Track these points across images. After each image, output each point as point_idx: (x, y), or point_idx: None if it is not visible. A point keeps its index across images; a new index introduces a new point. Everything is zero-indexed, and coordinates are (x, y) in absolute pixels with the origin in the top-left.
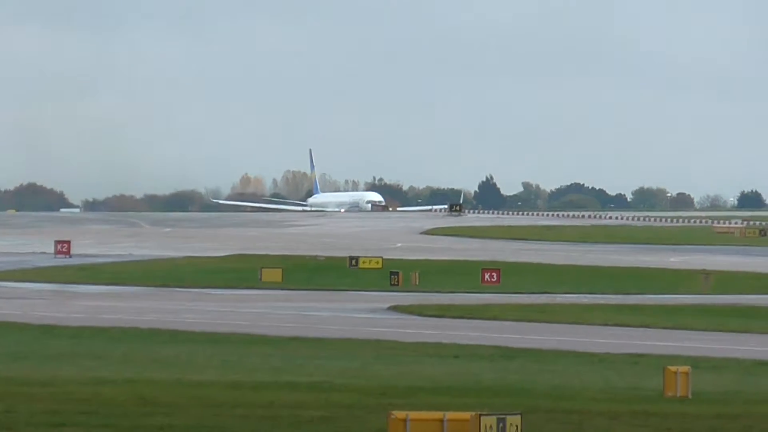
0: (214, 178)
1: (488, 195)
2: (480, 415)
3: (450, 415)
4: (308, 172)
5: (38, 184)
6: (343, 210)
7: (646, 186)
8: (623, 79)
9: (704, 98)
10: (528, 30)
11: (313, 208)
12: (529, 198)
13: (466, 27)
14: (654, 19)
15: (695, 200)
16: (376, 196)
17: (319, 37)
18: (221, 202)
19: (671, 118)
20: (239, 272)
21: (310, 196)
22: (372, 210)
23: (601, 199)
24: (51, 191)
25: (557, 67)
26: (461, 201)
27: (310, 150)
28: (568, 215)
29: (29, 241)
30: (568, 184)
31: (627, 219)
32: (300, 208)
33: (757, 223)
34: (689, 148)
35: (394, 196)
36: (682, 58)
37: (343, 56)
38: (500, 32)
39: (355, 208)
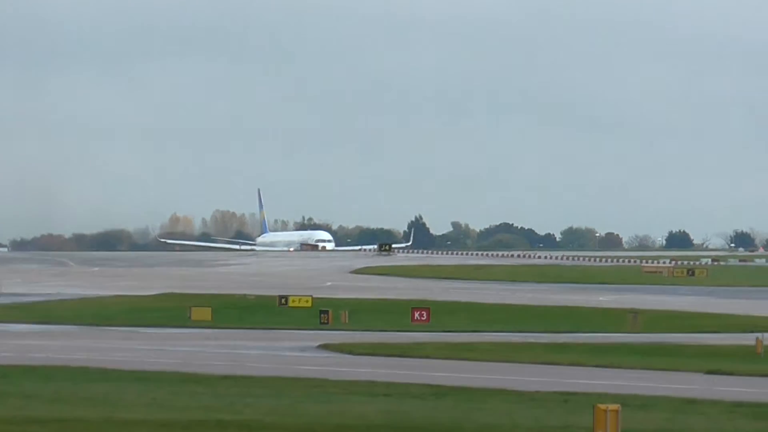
0: (143, 217)
1: (418, 234)
2: None
3: None
4: (237, 212)
5: None
6: (292, 249)
7: (574, 226)
8: (552, 120)
9: (632, 140)
10: (455, 73)
11: (262, 248)
12: (458, 237)
13: (395, 70)
14: (580, 62)
15: (624, 240)
16: (326, 235)
17: (246, 79)
18: (169, 241)
19: (600, 159)
20: (169, 311)
21: (240, 235)
22: (301, 249)
23: (530, 239)
24: None
25: (485, 109)
26: (411, 241)
27: (259, 190)
28: (497, 255)
29: None
30: (498, 223)
31: (556, 258)
32: (249, 247)
33: (685, 262)
34: (618, 189)
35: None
36: (609, 101)
37: (272, 97)
38: (428, 75)
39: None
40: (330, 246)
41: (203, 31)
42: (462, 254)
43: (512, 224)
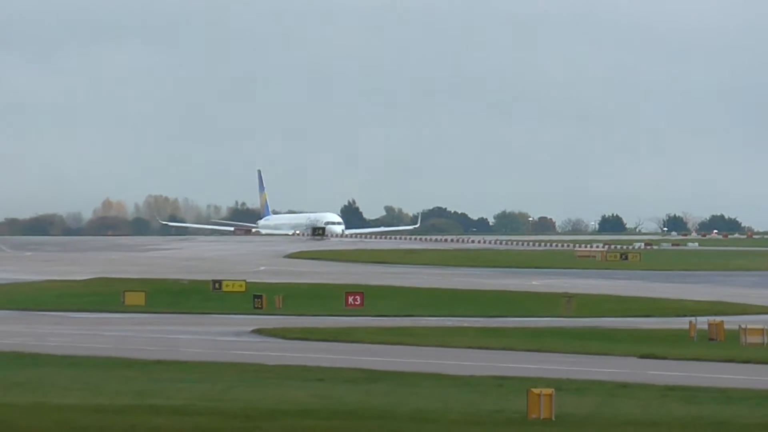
0: (76, 202)
1: (351, 219)
2: None
3: None
4: (169, 197)
5: None
6: (297, 232)
7: (508, 210)
8: (483, 106)
9: (565, 124)
10: (389, 59)
11: (265, 230)
12: (391, 222)
13: (331, 57)
14: (512, 48)
15: (557, 224)
16: (335, 217)
17: (178, 63)
18: (174, 224)
19: (533, 143)
20: (102, 296)
21: (173, 219)
22: (234, 233)
23: (464, 223)
24: None
25: (418, 94)
26: (418, 224)
27: (259, 171)
28: (430, 239)
29: None
30: (431, 208)
31: (489, 243)
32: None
33: (618, 246)
34: (551, 173)
35: (256, 220)
36: (542, 86)
37: (205, 81)
38: (362, 62)
39: (310, 230)
40: (339, 229)
41: (134, 18)
42: (395, 239)
43: (446, 208)
